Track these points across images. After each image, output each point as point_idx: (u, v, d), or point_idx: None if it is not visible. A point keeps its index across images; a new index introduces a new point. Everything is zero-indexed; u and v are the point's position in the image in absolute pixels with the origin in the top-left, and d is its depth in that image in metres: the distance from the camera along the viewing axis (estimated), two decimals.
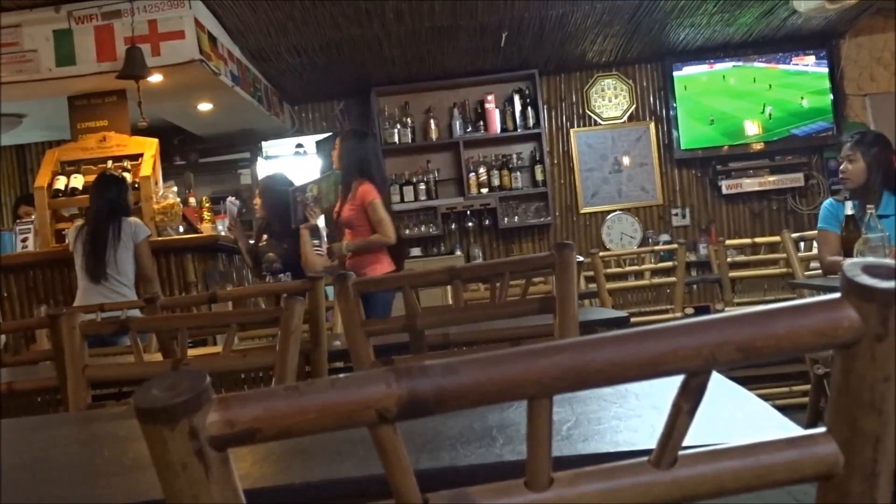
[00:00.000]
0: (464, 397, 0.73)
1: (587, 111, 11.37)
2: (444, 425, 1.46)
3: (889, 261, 0.77)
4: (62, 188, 7.60)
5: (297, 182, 6.63)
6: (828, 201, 5.42)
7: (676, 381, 0.78)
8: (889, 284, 0.75)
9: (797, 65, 10.93)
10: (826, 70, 10.91)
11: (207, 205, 8.44)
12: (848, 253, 4.88)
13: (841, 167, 5.31)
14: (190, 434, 0.71)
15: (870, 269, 0.76)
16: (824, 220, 5.33)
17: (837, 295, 0.77)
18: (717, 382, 1.57)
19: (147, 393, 0.72)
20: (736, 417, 1.41)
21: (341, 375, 0.75)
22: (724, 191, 11.03)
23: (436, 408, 0.73)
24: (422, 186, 10.98)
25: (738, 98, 10.98)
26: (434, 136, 11.07)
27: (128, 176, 7.55)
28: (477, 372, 0.74)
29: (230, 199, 7.13)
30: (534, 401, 0.75)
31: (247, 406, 0.73)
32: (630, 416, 1.46)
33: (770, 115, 10.92)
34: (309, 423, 0.73)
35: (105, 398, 3.58)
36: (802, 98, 10.92)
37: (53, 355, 3.35)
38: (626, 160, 11.27)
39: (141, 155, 7.80)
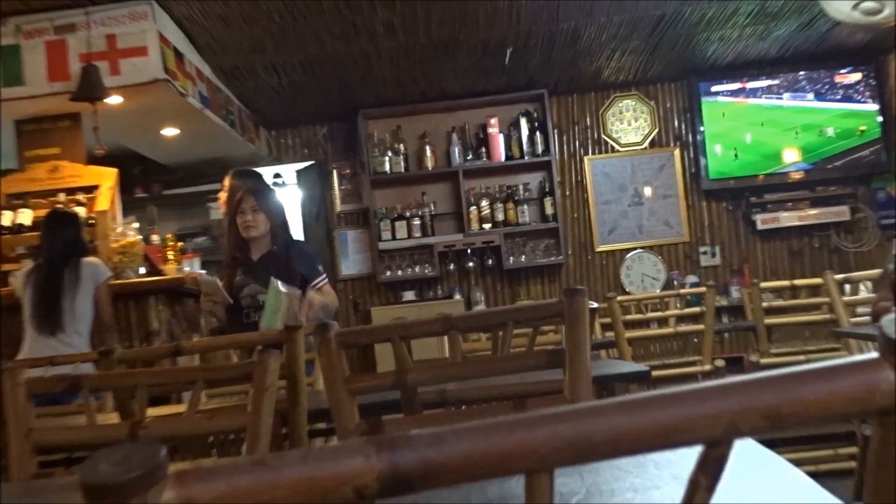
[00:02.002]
0: (452, 472, 0.73)
1: (603, 136, 11.40)
2: (437, 498, 1.45)
3: None
4: (8, 224, 7.61)
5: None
6: None
7: (700, 447, 0.78)
8: None
9: (839, 84, 10.94)
10: (876, 106, 10.89)
11: (172, 243, 8.44)
12: None
13: None
14: None
15: None
16: None
17: (875, 355, 0.77)
18: (744, 447, 1.57)
19: (94, 467, 0.72)
20: (765, 489, 1.40)
21: (316, 446, 0.75)
22: (759, 226, 11.03)
23: (421, 484, 0.73)
24: (416, 222, 10.99)
25: (772, 123, 10.99)
26: (430, 164, 11.09)
27: (82, 210, 7.55)
28: (467, 443, 0.74)
29: (201, 275, 6.97)
30: (532, 475, 0.75)
31: (208, 482, 0.73)
32: (648, 487, 1.46)
33: (813, 137, 10.93)
34: (278, 501, 0.73)
35: (53, 465, 3.56)
36: (845, 121, 10.94)
37: None
38: (647, 191, 11.28)
39: (97, 187, 7.81)
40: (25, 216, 7.61)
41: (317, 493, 0.73)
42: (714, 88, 10.99)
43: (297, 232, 12.11)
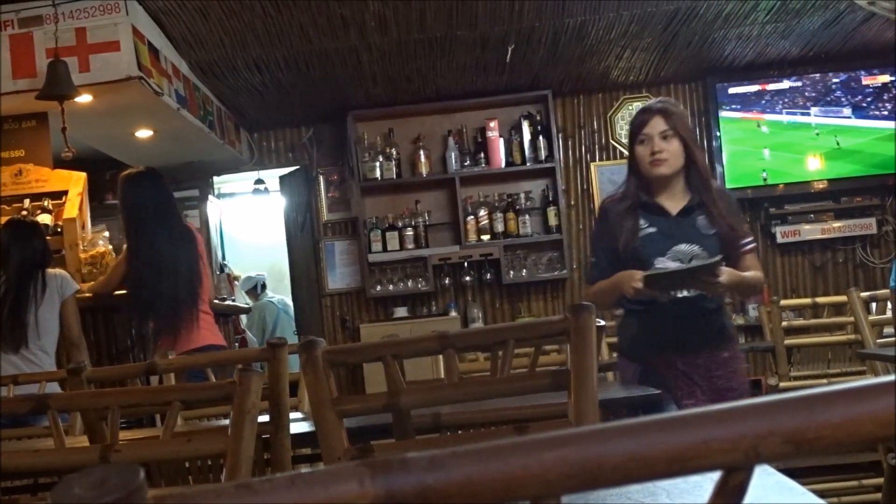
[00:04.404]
0: (452, 498, 0.74)
1: (611, 141, 11.41)
2: None
3: None
4: None
5: None
6: None
7: (714, 476, 0.78)
8: None
9: (866, 88, 10.95)
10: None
11: None
12: None
13: None
14: None
15: None
16: None
17: None
18: (764, 477, 1.58)
19: (68, 491, 0.72)
20: None
21: (304, 470, 0.76)
22: (779, 239, 11.03)
23: None
24: (409, 232, 10.98)
25: (794, 129, 10.99)
26: (424, 170, 11.09)
27: (48, 218, 7.55)
28: (468, 467, 0.74)
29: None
30: (537, 503, 0.76)
31: None
32: None
33: (837, 145, 10.92)
34: None
35: (17, 491, 3.57)
36: (872, 134, 10.95)
37: None
38: None
39: (65, 192, 7.81)
40: None
41: None
42: (732, 91, 10.98)
43: (283, 241, 12.11)
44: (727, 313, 4.88)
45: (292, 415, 3.71)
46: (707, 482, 0.79)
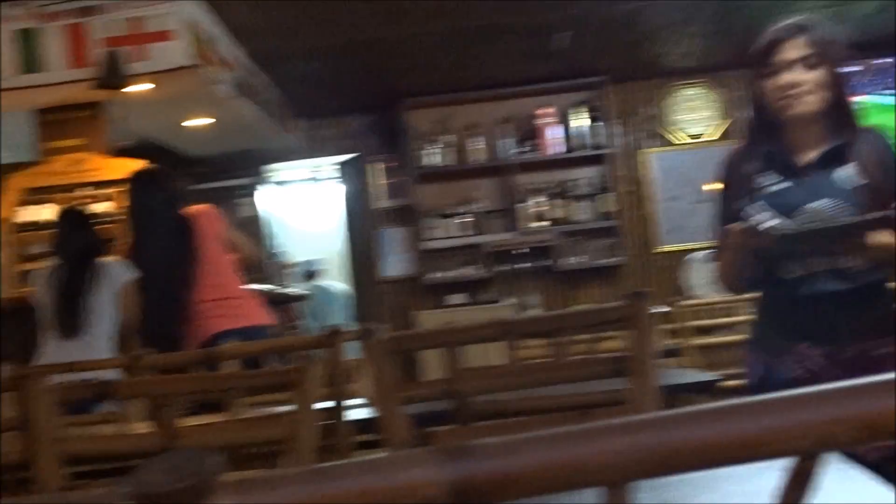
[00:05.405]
0: (528, 484, 0.74)
1: (667, 127, 11.34)
2: None
3: None
4: (32, 220, 7.66)
5: None
6: None
7: (778, 463, 0.78)
8: None
9: None
10: None
11: None
12: None
13: None
14: None
15: None
16: None
17: None
18: (832, 465, 1.57)
19: (146, 475, 0.73)
20: None
21: (374, 455, 0.76)
22: None
23: (494, 496, 0.74)
24: (464, 219, 10.98)
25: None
26: (478, 157, 11.08)
27: (109, 205, 7.59)
28: (542, 452, 0.74)
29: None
30: (611, 489, 0.76)
31: (265, 491, 0.74)
32: None
33: None
34: None
35: (79, 477, 3.59)
36: None
37: (19, 424, 3.36)
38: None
39: (122, 180, 7.85)
40: (48, 211, 7.65)
41: None
42: None
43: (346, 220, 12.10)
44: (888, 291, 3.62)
45: (350, 402, 3.72)
46: (769, 470, 0.79)
